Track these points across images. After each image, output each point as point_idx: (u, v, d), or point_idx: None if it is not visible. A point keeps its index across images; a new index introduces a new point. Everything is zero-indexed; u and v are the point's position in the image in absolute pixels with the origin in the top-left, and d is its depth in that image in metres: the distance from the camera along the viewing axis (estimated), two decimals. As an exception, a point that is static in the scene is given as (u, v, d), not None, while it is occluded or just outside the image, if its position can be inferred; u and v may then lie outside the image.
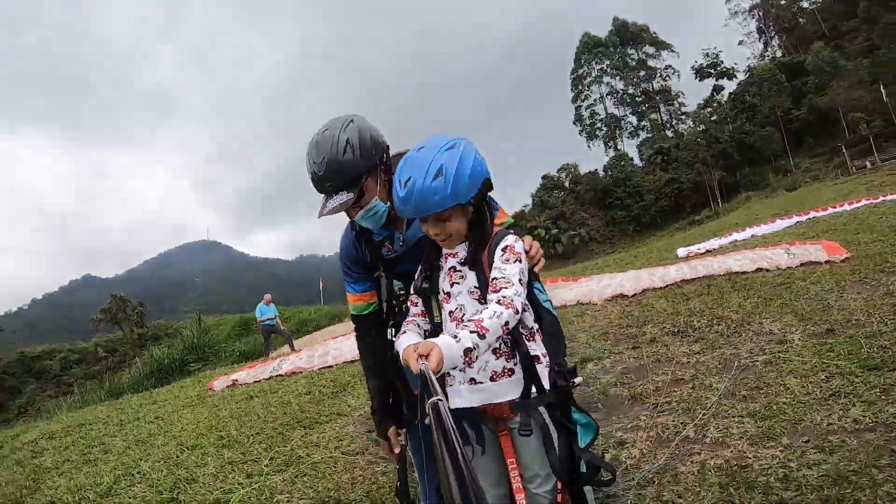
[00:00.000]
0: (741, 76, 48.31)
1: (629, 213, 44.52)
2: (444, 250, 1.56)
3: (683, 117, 52.64)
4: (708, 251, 9.88)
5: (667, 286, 6.37)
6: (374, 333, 1.94)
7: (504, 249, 1.46)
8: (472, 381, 1.48)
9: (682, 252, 10.61)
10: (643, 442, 2.59)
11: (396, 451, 1.88)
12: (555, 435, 1.44)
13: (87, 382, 24.43)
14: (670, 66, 55.30)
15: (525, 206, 49.56)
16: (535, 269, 1.55)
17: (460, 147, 1.44)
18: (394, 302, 1.90)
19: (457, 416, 1.50)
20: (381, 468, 3.08)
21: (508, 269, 1.41)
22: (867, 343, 3.03)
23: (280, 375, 6.96)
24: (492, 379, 1.46)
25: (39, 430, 6.40)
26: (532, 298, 1.53)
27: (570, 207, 46.47)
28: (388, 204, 1.67)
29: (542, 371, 1.46)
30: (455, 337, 1.24)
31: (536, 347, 1.49)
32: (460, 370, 1.21)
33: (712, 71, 49.33)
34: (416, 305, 1.67)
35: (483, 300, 1.46)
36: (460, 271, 1.51)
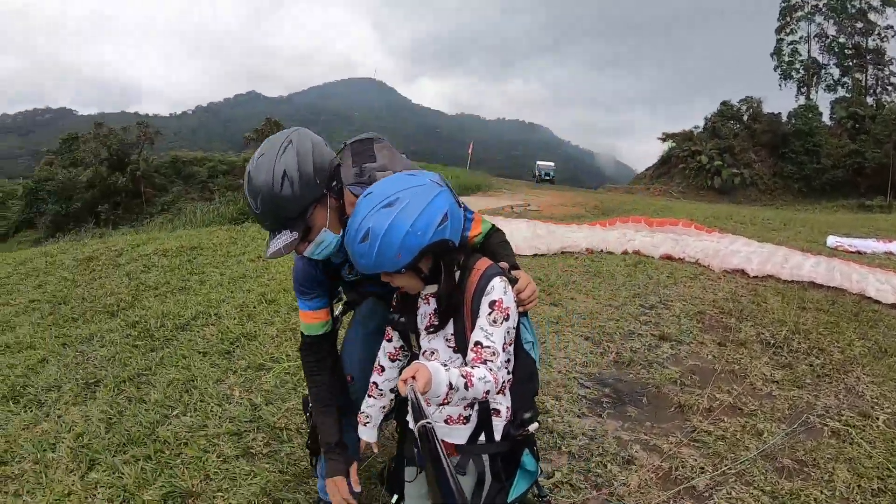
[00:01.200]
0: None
1: (800, 171, 38.59)
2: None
3: (890, 88, 42.98)
4: (858, 252, 8.75)
5: (791, 282, 5.91)
6: (327, 355, 1.76)
7: (491, 305, 1.32)
8: None
9: (831, 241, 9.48)
10: (648, 472, 2.48)
11: (358, 489, 1.66)
12: (488, 482, 1.41)
13: (228, 193, 27.27)
14: (892, 26, 44.28)
15: (695, 128, 44.55)
16: (520, 309, 1.42)
17: (399, 205, 1.25)
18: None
19: (409, 436, 1.53)
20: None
21: (496, 334, 1.30)
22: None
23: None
24: (445, 421, 1.43)
25: (156, 245, 7.16)
26: (515, 338, 1.43)
27: (741, 144, 40.92)
28: (342, 233, 1.45)
29: (498, 424, 1.41)
30: (445, 366, 1.20)
31: (502, 401, 1.42)
32: (436, 404, 1.19)
33: (938, 47, 38.98)
34: (391, 341, 1.61)
35: (458, 349, 1.40)
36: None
